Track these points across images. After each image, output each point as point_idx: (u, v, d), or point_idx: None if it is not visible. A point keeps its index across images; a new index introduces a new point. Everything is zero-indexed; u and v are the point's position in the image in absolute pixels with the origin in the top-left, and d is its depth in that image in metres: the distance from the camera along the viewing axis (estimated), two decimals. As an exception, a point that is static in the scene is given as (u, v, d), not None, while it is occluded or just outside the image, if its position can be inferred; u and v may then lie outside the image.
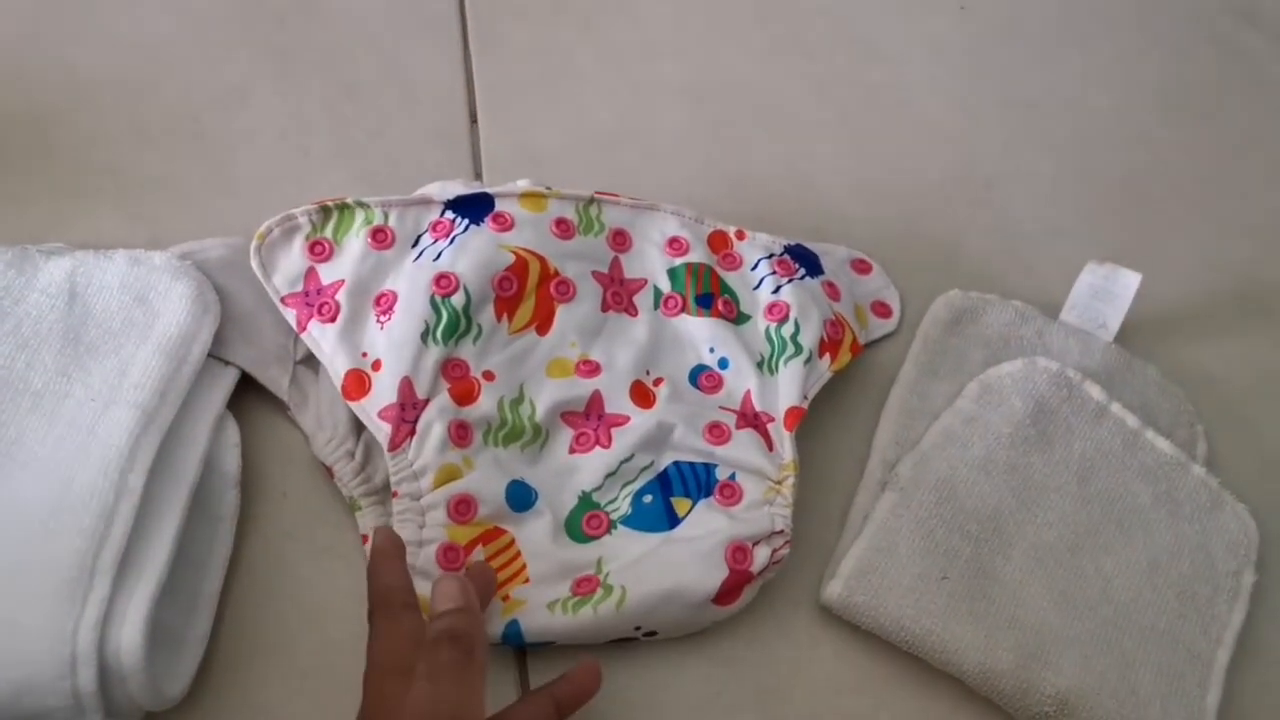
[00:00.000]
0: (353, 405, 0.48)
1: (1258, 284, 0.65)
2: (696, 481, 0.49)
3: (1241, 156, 0.71)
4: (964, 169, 0.67)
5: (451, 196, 0.54)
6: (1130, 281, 0.58)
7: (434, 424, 0.48)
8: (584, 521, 0.48)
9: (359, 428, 0.49)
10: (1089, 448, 0.54)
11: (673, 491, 0.49)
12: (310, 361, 0.51)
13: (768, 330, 0.54)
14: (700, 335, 0.54)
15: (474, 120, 0.64)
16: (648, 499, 0.49)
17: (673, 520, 0.48)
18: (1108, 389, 0.55)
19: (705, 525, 0.48)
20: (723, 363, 0.53)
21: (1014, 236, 0.65)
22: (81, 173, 0.58)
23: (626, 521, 0.48)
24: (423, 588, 0.44)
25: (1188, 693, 0.48)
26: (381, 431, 0.47)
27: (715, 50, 0.71)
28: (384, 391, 0.48)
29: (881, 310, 0.59)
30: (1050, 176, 0.68)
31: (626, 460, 0.49)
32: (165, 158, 0.59)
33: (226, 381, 0.49)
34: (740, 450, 0.50)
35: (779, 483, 0.49)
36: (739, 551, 0.47)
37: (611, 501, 0.49)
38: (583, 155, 0.62)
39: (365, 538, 0.47)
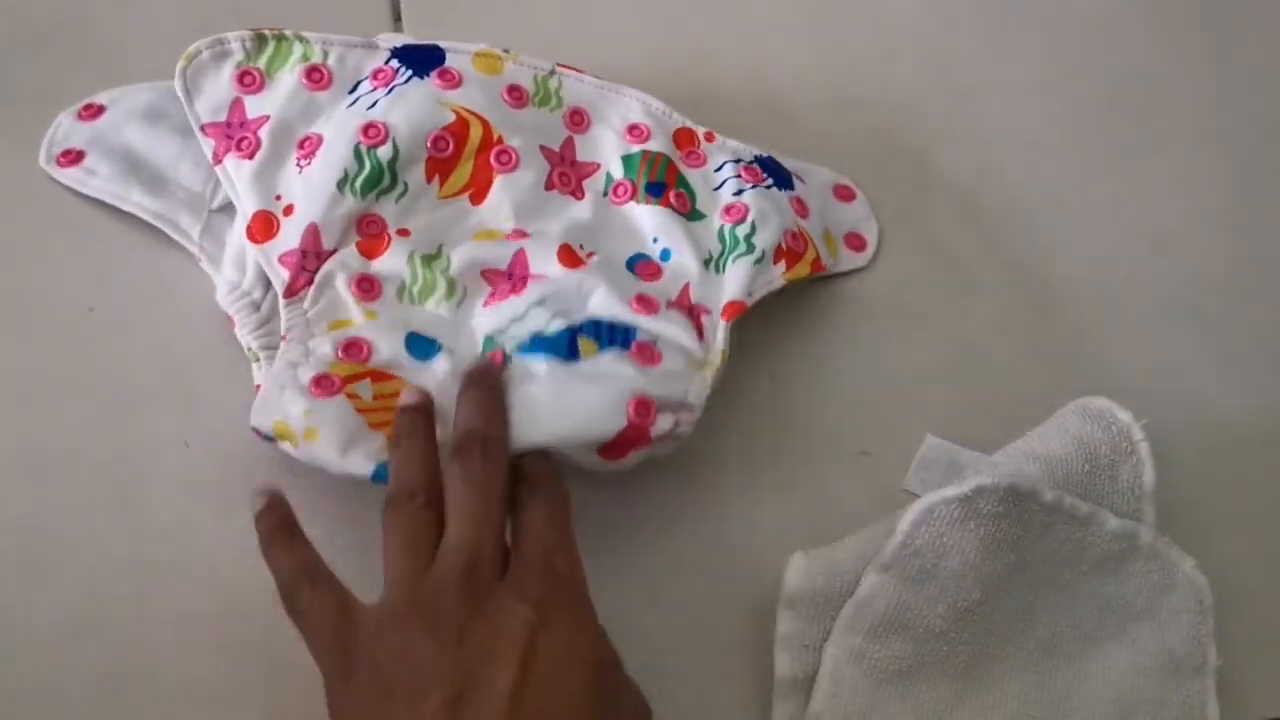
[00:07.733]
0: (255, 247, 0.46)
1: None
2: (611, 336, 0.44)
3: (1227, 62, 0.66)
4: (939, 75, 0.62)
5: (400, 45, 0.50)
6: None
7: (335, 274, 0.46)
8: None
9: (268, 281, 0.46)
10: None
11: (581, 332, 0.43)
12: (228, 210, 0.49)
13: (721, 229, 0.49)
14: (645, 224, 0.50)
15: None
16: (552, 330, 0.44)
17: (574, 355, 0.43)
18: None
19: (612, 371, 0.43)
20: (664, 254, 0.49)
21: (990, 149, 0.60)
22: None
23: (523, 349, 0.44)
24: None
25: None
26: (279, 277, 0.45)
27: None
28: (289, 237, 0.46)
29: (855, 242, 0.55)
30: (1031, 84, 0.63)
31: (537, 304, 0.44)
32: (50, 59, 0.53)
33: None
34: (667, 325, 0.45)
35: (703, 365, 0.44)
36: (643, 405, 0.41)
37: (514, 340, 0.44)
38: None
39: (259, 388, 0.44)
